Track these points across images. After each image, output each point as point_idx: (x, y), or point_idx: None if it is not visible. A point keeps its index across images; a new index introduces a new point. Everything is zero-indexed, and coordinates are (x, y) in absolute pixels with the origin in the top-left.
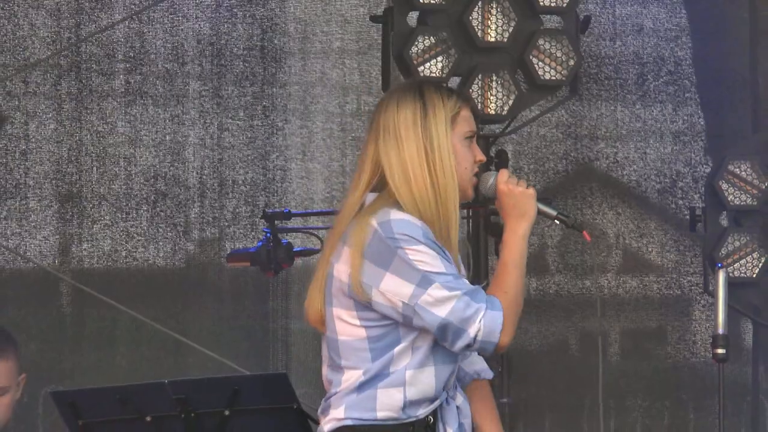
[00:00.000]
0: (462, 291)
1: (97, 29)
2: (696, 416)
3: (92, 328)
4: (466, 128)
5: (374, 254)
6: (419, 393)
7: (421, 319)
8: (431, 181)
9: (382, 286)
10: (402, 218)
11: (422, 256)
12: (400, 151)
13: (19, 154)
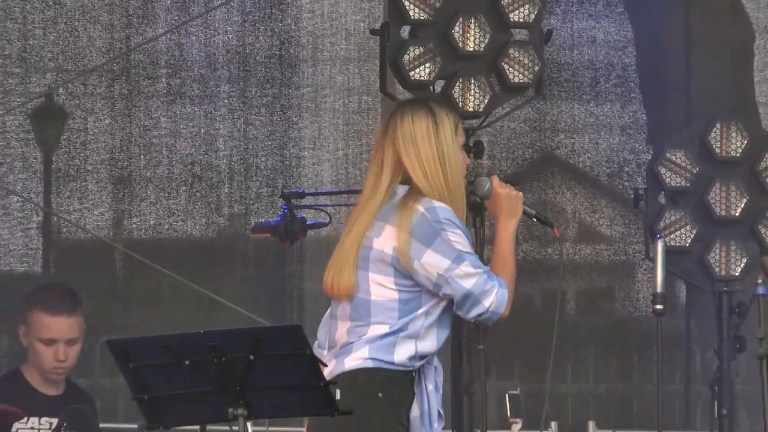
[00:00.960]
0: (483, 270)
1: (144, 41)
2: (639, 362)
3: (140, 288)
4: (461, 139)
5: (420, 233)
6: (425, 348)
7: (450, 288)
8: (443, 177)
9: (423, 259)
10: (443, 206)
11: (458, 238)
12: (417, 154)
13: (80, 144)
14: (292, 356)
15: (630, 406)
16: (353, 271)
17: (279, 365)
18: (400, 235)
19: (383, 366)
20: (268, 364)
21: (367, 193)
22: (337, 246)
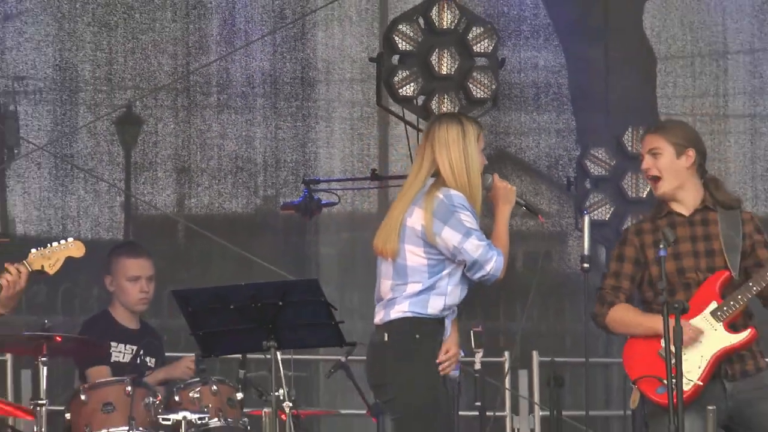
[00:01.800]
0: (486, 243)
1: (200, 66)
2: (570, 307)
3: (196, 251)
4: (482, 144)
5: (440, 214)
6: (451, 300)
7: (462, 256)
8: (466, 174)
9: (442, 234)
10: (457, 194)
11: (468, 218)
12: (449, 155)
13: (152, 143)
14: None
15: (564, 339)
16: (397, 241)
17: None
18: (425, 215)
19: (419, 316)
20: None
21: (410, 180)
22: (386, 216)
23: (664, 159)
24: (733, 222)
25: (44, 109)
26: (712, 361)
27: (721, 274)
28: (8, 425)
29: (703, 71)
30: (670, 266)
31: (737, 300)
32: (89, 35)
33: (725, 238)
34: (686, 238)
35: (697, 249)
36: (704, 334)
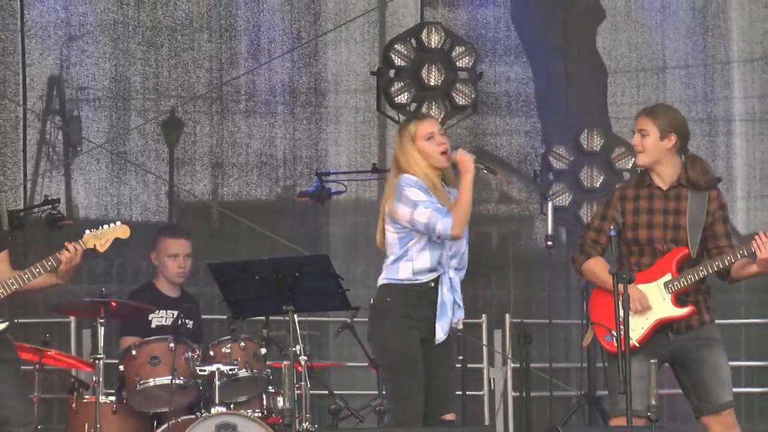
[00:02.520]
0: (432, 209)
1: (231, 78)
2: (537, 278)
3: (228, 232)
4: (426, 132)
5: (395, 195)
6: (420, 265)
7: (416, 225)
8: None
9: (398, 210)
10: (408, 176)
11: (413, 193)
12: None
13: (191, 142)
14: (321, 274)
15: (531, 304)
16: (383, 230)
17: (314, 279)
18: (388, 200)
19: (392, 281)
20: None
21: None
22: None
23: (650, 139)
24: (700, 201)
25: (102, 114)
26: (653, 325)
27: (680, 251)
28: (72, 376)
29: (645, 83)
30: (644, 234)
31: (687, 278)
32: (139, 53)
33: (691, 216)
34: (660, 210)
35: (666, 222)
36: (653, 301)
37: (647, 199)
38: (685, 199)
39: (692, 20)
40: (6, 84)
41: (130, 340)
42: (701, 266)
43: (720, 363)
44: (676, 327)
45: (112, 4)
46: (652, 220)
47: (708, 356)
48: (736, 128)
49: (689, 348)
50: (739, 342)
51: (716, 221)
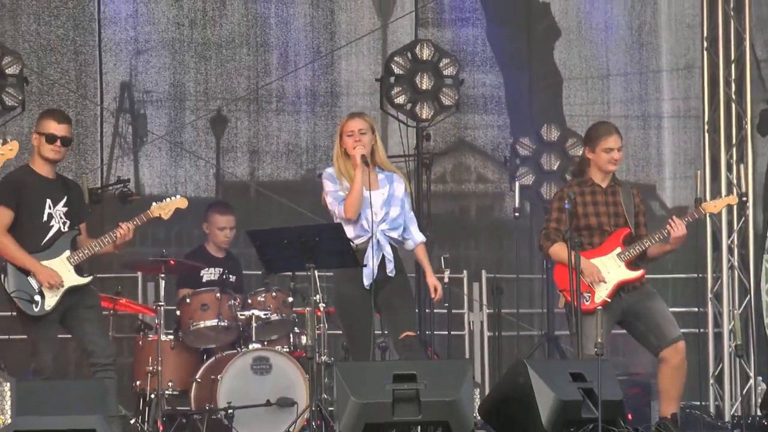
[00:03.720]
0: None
1: (264, 84)
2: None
3: (263, 206)
4: (347, 130)
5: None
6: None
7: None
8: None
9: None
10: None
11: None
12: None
13: (233, 134)
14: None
15: (502, 263)
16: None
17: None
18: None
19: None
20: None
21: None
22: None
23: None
24: (627, 194)
25: (163, 112)
26: (615, 286)
27: (624, 230)
28: (139, 319)
29: (593, 87)
30: (594, 220)
31: (635, 249)
32: (192, 64)
33: (625, 205)
34: (603, 202)
35: (609, 210)
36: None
37: (591, 194)
38: (617, 193)
39: (630, 37)
40: (87, 89)
41: (185, 291)
42: (645, 239)
43: (664, 308)
44: (626, 288)
45: (171, 25)
46: (598, 209)
47: (655, 305)
48: (665, 123)
49: (638, 302)
50: (666, 292)
51: (639, 212)
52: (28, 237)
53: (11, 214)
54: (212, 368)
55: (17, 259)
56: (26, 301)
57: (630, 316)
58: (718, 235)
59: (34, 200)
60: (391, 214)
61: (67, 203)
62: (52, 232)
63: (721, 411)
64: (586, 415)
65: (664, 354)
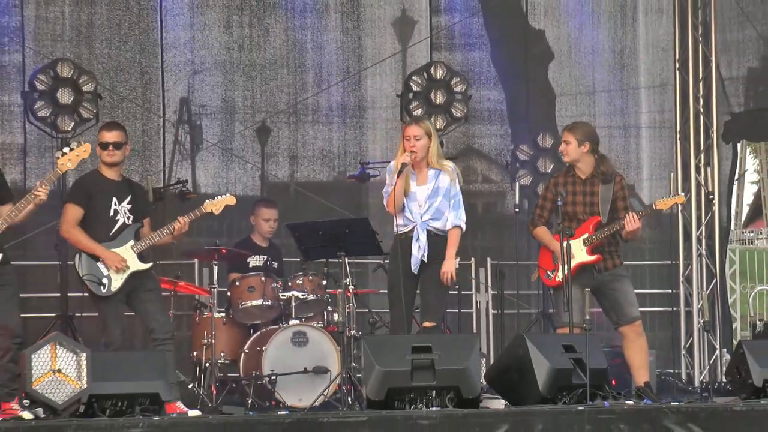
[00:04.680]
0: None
1: (302, 99)
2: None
3: (301, 203)
4: (406, 135)
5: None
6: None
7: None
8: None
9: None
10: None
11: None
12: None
13: (275, 142)
14: (363, 230)
15: (504, 251)
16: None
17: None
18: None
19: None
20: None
21: None
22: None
23: (570, 146)
24: (609, 185)
25: (216, 123)
26: (575, 267)
27: (595, 218)
28: (195, 299)
29: (581, 102)
30: (571, 208)
31: (597, 235)
32: (241, 82)
33: (601, 196)
34: (581, 192)
35: (585, 200)
36: (576, 251)
37: (572, 185)
38: (597, 185)
39: (613, 59)
40: (151, 103)
41: (234, 275)
42: (606, 229)
43: (627, 290)
44: (597, 268)
45: (223, 50)
46: (576, 199)
47: (619, 287)
48: (643, 133)
49: (606, 282)
50: (644, 276)
51: (618, 199)
52: (98, 230)
53: (81, 211)
54: (258, 341)
55: (88, 247)
56: (96, 283)
57: (598, 294)
58: (689, 227)
59: (101, 199)
60: (435, 205)
61: (131, 201)
62: (117, 225)
63: (692, 378)
64: (576, 381)
65: (622, 330)
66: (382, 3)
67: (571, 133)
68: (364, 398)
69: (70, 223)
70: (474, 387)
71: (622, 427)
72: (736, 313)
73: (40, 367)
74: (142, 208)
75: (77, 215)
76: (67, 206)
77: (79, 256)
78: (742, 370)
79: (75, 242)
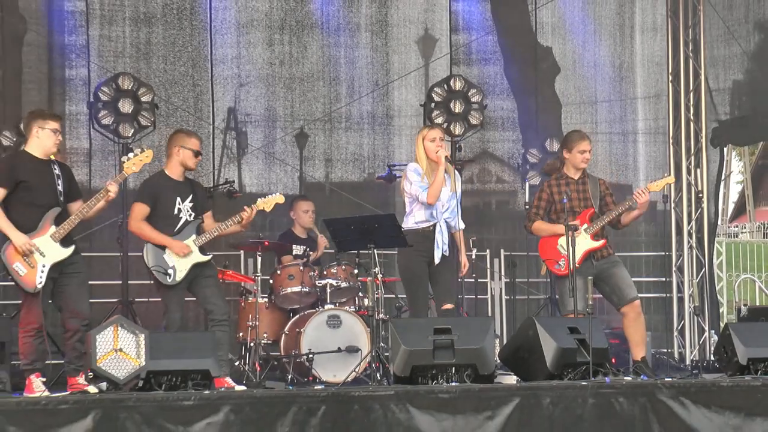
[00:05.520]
0: (417, 186)
1: (336, 108)
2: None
3: (335, 200)
4: (430, 137)
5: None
6: (418, 218)
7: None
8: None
9: (404, 185)
10: (412, 164)
11: (412, 175)
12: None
13: (313, 146)
14: (391, 225)
15: (516, 243)
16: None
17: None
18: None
19: (405, 228)
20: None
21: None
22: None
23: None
24: (595, 184)
25: (259, 129)
26: (583, 255)
27: (589, 210)
28: (242, 286)
29: (585, 111)
30: (568, 204)
31: (597, 223)
32: (281, 93)
33: (592, 192)
34: (575, 189)
35: (580, 196)
36: (580, 240)
37: (566, 185)
38: (586, 183)
39: (613, 72)
40: (202, 112)
41: (287, 258)
42: (604, 216)
43: (624, 275)
44: (596, 256)
45: (266, 64)
46: (571, 195)
47: (617, 272)
48: (640, 138)
49: (605, 268)
50: (641, 266)
51: (606, 195)
52: (164, 226)
53: (148, 209)
54: (297, 323)
55: (155, 239)
56: (162, 273)
57: (599, 279)
58: (681, 222)
59: (167, 198)
60: (453, 206)
61: (192, 199)
62: (181, 222)
63: (683, 356)
64: (580, 359)
65: (624, 310)
66: (408, 23)
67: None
68: (391, 374)
69: (137, 219)
70: (489, 364)
71: (621, 400)
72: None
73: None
74: (202, 205)
75: (144, 212)
76: (134, 205)
77: (146, 250)
78: (729, 349)
79: (143, 236)
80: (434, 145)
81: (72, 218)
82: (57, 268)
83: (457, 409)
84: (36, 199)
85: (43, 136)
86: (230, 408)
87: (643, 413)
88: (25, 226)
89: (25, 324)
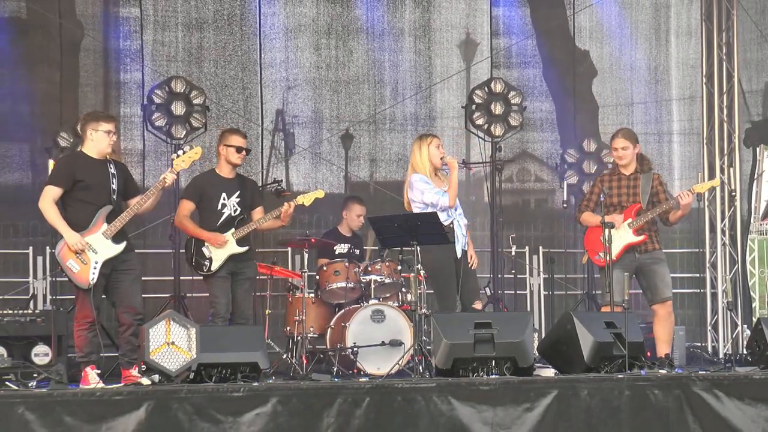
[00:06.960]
0: (434, 192)
1: (381, 110)
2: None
3: (379, 199)
4: (435, 144)
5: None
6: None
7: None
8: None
9: (417, 195)
10: (416, 174)
11: (423, 185)
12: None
13: (357, 147)
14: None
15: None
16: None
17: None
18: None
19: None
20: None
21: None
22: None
23: (629, 150)
24: (647, 179)
25: (306, 131)
26: (623, 248)
27: (635, 206)
28: (289, 282)
29: (621, 112)
30: (616, 200)
31: (640, 219)
32: (328, 96)
33: (642, 188)
34: (625, 185)
35: (629, 192)
36: (623, 233)
37: (617, 180)
38: (638, 179)
39: (648, 75)
40: (251, 114)
41: (323, 261)
42: (649, 212)
43: (664, 272)
44: (639, 249)
45: (312, 68)
46: (620, 191)
47: (657, 269)
48: (675, 138)
49: (647, 263)
50: (676, 262)
51: (660, 192)
52: (207, 220)
53: (192, 205)
54: (342, 317)
55: (194, 232)
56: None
57: (639, 273)
58: (714, 220)
59: (212, 195)
60: (460, 206)
61: (239, 195)
62: (223, 217)
63: (717, 350)
64: (617, 353)
65: (655, 308)
66: (450, 27)
67: (627, 139)
68: (434, 367)
69: (181, 215)
70: (528, 357)
71: (656, 392)
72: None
73: (156, 339)
74: (251, 201)
75: (189, 208)
76: (181, 201)
77: (187, 242)
78: (761, 343)
79: (184, 230)
80: (439, 151)
81: (124, 214)
82: (109, 265)
83: (497, 401)
84: (90, 198)
85: (97, 138)
86: (278, 399)
87: (677, 405)
88: (79, 224)
89: (79, 318)
